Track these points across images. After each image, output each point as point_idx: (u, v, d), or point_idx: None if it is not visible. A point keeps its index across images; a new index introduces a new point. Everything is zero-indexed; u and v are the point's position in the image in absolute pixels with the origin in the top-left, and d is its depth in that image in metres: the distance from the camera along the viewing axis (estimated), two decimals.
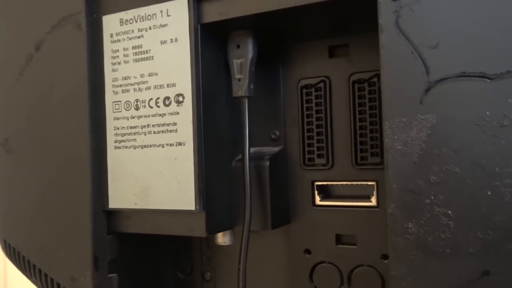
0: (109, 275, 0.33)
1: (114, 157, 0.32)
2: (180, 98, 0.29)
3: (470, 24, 0.22)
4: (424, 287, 0.22)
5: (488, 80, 0.21)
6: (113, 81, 0.32)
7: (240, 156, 0.33)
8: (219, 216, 0.31)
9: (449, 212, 0.22)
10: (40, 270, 0.36)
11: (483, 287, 0.21)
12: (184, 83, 0.29)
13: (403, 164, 0.22)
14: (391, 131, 0.23)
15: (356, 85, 0.32)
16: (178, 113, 0.30)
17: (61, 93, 0.33)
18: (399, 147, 0.22)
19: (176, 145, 0.30)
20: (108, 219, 0.33)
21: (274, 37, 0.33)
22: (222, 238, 0.34)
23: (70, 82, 0.33)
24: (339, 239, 0.33)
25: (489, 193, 0.21)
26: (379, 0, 0.23)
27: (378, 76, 0.31)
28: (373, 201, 0.32)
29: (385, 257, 0.31)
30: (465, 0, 0.22)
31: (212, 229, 0.30)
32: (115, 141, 0.32)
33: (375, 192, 0.31)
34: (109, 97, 0.32)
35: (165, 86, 0.30)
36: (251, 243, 0.31)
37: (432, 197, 0.22)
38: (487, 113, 0.21)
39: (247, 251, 0.30)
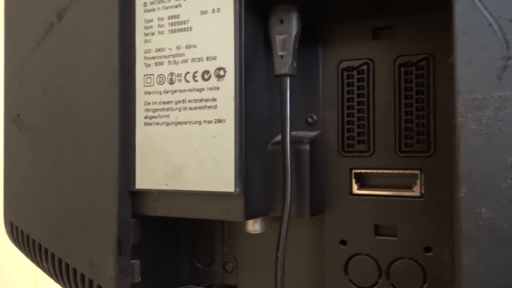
0: (132, 261, 0.30)
1: (143, 134, 0.30)
2: (221, 72, 0.27)
3: None
4: (497, 276, 0.20)
5: None
6: (145, 52, 0.30)
7: (276, 139, 0.31)
8: (256, 201, 0.29)
9: None
10: (53, 255, 0.33)
11: None
12: (226, 56, 0.27)
13: (477, 145, 0.21)
14: (464, 109, 0.21)
15: (403, 69, 0.30)
16: (218, 88, 0.28)
17: (86, 66, 0.31)
18: (473, 126, 0.21)
19: (215, 122, 0.28)
20: (133, 201, 0.30)
21: (317, 15, 0.31)
22: (253, 226, 0.32)
23: (97, 53, 0.30)
24: (377, 230, 0.31)
25: None
26: None
27: (426, 59, 0.30)
28: (416, 191, 0.30)
29: (428, 249, 0.30)
30: None
31: (250, 214, 0.28)
32: (146, 117, 0.30)
33: (418, 182, 0.30)
34: (140, 70, 0.30)
35: (205, 59, 0.28)
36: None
37: (509, 181, 0.20)
38: None
39: (286, 237, 0.28)
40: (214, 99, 0.28)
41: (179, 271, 0.37)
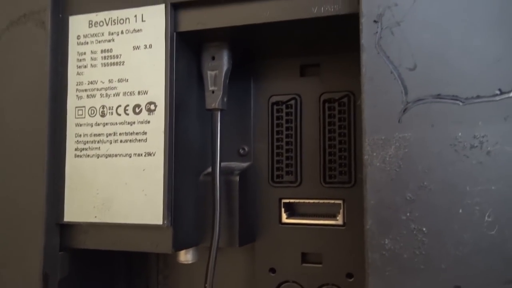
0: None
1: (73, 165, 0.30)
2: (152, 107, 0.28)
3: (444, 50, 0.23)
4: None
5: (460, 103, 0.22)
6: (77, 85, 0.30)
7: (208, 171, 0.32)
8: (185, 232, 0.30)
9: (424, 228, 0.22)
10: None
11: None
12: (157, 91, 0.28)
13: (381, 181, 0.23)
14: (370, 148, 0.23)
15: (327, 104, 0.32)
16: (148, 121, 0.28)
17: (18, 95, 0.31)
18: (377, 164, 0.23)
19: (145, 155, 0.28)
20: (61, 234, 0.30)
21: (248, 52, 0.33)
22: (185, 256, 0.32)
23: (28, 82, 0.30)
24: (304, 258, 0.33)
25: (460, 211, 0.22)
26: (362, 21, 0.24)
27: (348, 96, 0.32)
28: (339, 220, 0.32)
29: (349, 276, 0.31)
30: (438, 27, 0.23)
31: (179, 246, 0.29)
32: (76, 149, 0.30)
33: (341, 211, 0.32)
34: (72, 102, 0.30)
35: (136, 93, 0.29)
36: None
37: (408, 214, 0.22)
38: (459, 134, 0.22)
39: (214, 268, 0.29)
40: (145, 133, 0.28)
41: None
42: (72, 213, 0.29)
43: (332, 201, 0.32)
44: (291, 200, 0.33)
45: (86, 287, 0.33)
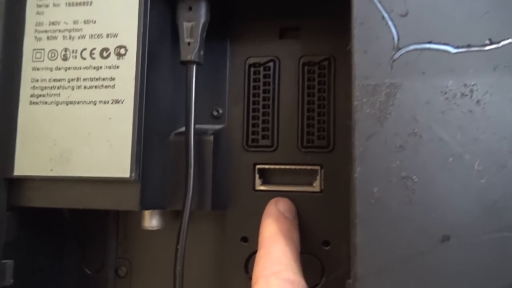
0: (3, 261, 0.26)
1: (27, 114, 0.26)
2: (122, 51, 0.26)
3: None
4: (387, 253, 0.21)
5: (452, 50, 0.22)
6: (36, 25, 0.27)
7: (178, 130, 0.30)
8: (153, 190, 0.27)
9: (414, 177, 0.21)
10: None
11: (443, 251, 0.21)
12: (128, 34, 0.26)
13: (371, 128, 0.22)
14: (359, 94, 0.22)
15: (306, 67, 0.31)
16: (118, 66, 0.26)
17: None
18: (368, 110, 0.22)
19: (112, 103, 0.26)
20: (9, 190, 0.27)
21: (226, 10, 0.31)
22: (150, 221, 0.30)
23: None
24: None
25: (450, 159, 0.21)
26: None
27: (328, 60, 0.31)
28: (316, 186, 0.31)
29: (326, 243, 0.30)
30: None
31: (146, 204, 0.26)
32: (32, 95, 0.27)
33: (318, 177, 0.31)
34: (29, 44, 0.27)
35: (104, 36, 0.26)
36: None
37: (398, 162, 0.21)
38: (450, 82, 0.22)
39: (187, 230, 0.26)
40: (113, 78, 0.26)
41: (63, 276, 0.33)
42: (24, 166, 0.26)
43: (309, 167, 0.31)
44: (266, 166, 0.31)
45: (34, 253, 0.29)
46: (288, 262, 0.25)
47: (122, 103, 0.25)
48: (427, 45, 0.22)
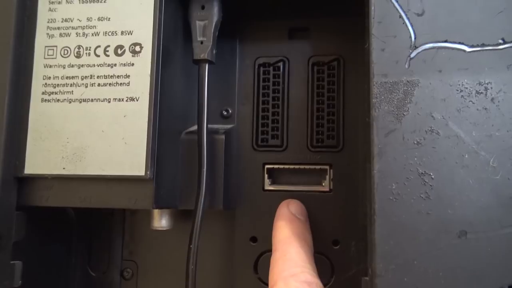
0: (12, 262, 0.26)
1: (39, 111, 0.26)
2: (137, 48, 0.26)
3: None
4: (405, 249, 0.21)
5: (467, 49, 0.22)
6: (48, 22, 0.27)
7: (189, 129, 0.30)
8: (166, 189, 0.27)
9: (431, 173, 0.22)
10: None
11: (460, 246, 0.21)
12: (143, 31, 0.26)
13: (389, 125, 0.22)
14: (378, 91, 0.22)
15: (315, 68, 0.32)
16: (133, 64, 0.26)
17: None
18: (386, 107, 0.22)
19: (127, 100, 0.25)
20: (20, 190, 0.26)
21: (236, 10, 0.31)
22: (160, 221, 0.29)
23: None
24: None
25: (466, 156, 0.22)
26: None
27: (338, 60, 0.31)
28: (326, 186, 0.31)
29: (335, 243, 0.30)
30: None
31: (160, 203, 0.26)
32: (44, 93, 0.26)
33: (327, 177, 0.31)
34: (41, 41, 0.27)
35: (119, 33, 0.26)
36: (189, 228, 0.27)
37: (415, 158, 0.22)
38: (465, 80, 0.22)
39: (200, 228, 0.26)
40: (128, 76, 0.26)
41: (68, 279, 0.32)
42: (35, 164, 0.26)
43: (319, 167, 0.31)
44: (275, 166, 0.31)
45: (42, 253, 0.29)
46: (304, 264, 0.25)
47: (137, 100, 0.25)
48: (443, 44, 0.23)
